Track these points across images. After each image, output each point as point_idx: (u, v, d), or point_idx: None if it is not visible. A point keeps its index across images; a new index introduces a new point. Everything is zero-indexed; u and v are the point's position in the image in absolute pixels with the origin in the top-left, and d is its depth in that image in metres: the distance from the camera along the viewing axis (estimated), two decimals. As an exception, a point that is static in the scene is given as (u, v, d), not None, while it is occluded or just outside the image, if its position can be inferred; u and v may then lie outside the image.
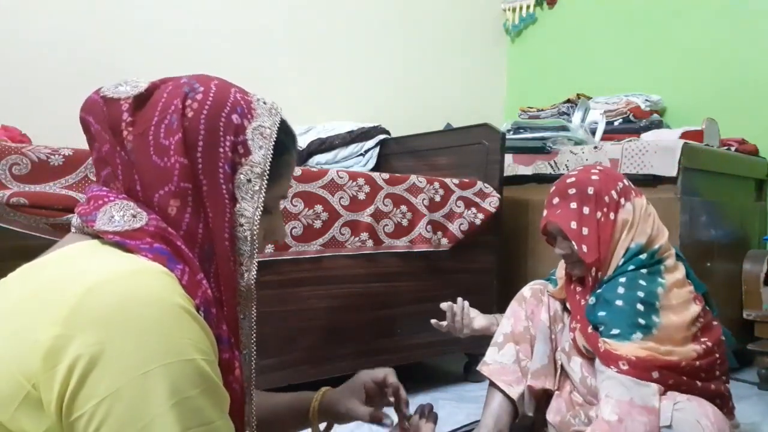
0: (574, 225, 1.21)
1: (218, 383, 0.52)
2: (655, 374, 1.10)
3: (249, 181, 0.61)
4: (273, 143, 0.62)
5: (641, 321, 1.13)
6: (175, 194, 0.57)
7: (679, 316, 1.16)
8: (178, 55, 2.12)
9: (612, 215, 1.20)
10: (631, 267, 1.19)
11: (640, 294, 1.15)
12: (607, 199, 1.21)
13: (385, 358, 1.73)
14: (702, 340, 1.19)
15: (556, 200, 1.26)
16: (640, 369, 1.10)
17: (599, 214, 1.20)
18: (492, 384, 1.34)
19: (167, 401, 0.46)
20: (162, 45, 2.10)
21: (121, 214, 0.56)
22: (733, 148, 2.21)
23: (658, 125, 2.39)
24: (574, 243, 1.21)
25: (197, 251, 0.57)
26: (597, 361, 1.17)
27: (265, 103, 0.64)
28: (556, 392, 1.32)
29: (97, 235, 0.56)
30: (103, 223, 0.55)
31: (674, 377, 1.13)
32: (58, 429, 0.47)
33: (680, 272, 1.24)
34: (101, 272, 0.50)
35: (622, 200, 1.22)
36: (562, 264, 1.40)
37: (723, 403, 1.21)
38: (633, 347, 1.11)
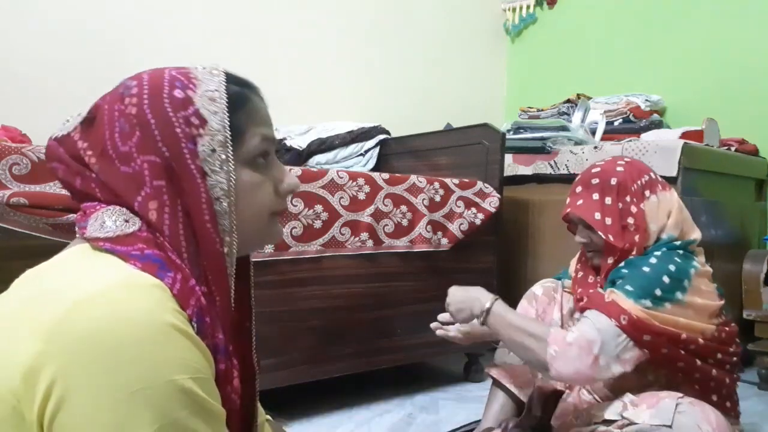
0: (597, 216, 1.20)
1: (210, 402, 0.50)
2: (647, 337, 1.08)
3: (213, 151, 0.57)
4: (225, 104, 0.58)
5: (658, 292, 1.11)
6: (151, 195, 0.55)
7: (705, 301, 1.16)
8: (179, 55, 2.12)
9: (634, 208, 1.20)
10: (665, 249, 1.18)
11: (671, 267, 1.13)
12: (632, 189, 1.20)
13: (385, 359, 1.73)
14: (721, 328, 1.18)
15: (579, 189, 1.26)
16: (637, 328, 1.08)
17: (621, 204, 1.19)
18: (495, 385, 1.34)
19: (150, 426, 0.45)
20: (162, 45, 2.10)
21: (113, 219, 0.54)
22: (733, 148, 2.21)
23: (658, 125, 2.39)
24: (600, 233, 1.20)
25: (185, 254, 0.55)
26: (587, 312, 1.14)
27: (203, 68, 0.61)
28: (567, 391, 1.31)
29: (89, 243, 0.55)
30: (95, 229, 0.54)
31: (670, 348, 1.11)
32: None
33: (710, 269, 1.23)
34: (87, 287, 0.48)
35: (647, 192, 1.21)
36: (575, 259, 1.40)
37: (732, 405, 1.20)
38: (638, 308, 1.09)
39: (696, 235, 1.24)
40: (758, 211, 2.32)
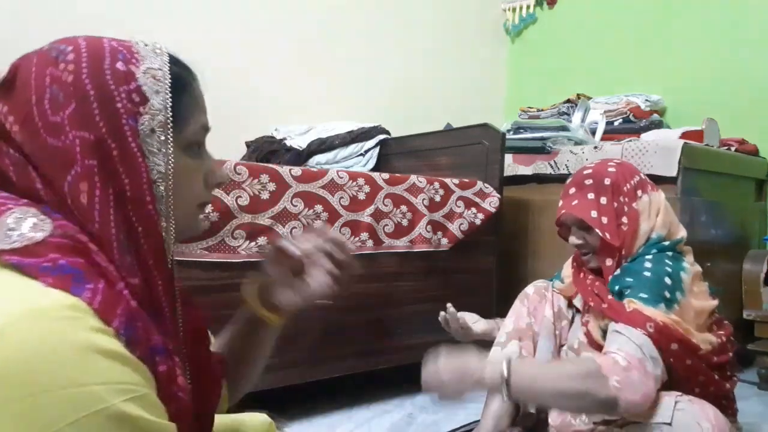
0: (594, 214, 1.21)
1: (150, 419, 0.45)
2: (675, 346, 1.08)
3: (153, 131, 0.53)
4: (169, 84, 0.55)
5: (667, 294, 1.12)
6: (83, 175, 0.50)
7: (699, 302, 1.16)
8: (179, 54, 2.12)
9: (627, 208, 1.21)
10: (654, 251, 1.19)
11: (668, 269, 1.15)
12: (625, 189, 1.22)
13: (385, 358, 1.73)
14: (718, 333, 1.19)
15: (572, 191, 1.26)
16: (665, 335, 1.07)
17: (616, 204, 1.21)
18: None
19: None
20: (162, 45, 2.10)
21: (19, 225, 0.47)
22: (733, 148, 2.21)
23: (658, 125, 2.39)
24: (598, 231, 1.20)
25: (114, 243, 0.50)
26: (614, 326, 1.11)
27: (146, 44, 0.57)
28: None
29: None
30: (0, 239, 0.47)
31: (693, 359, 1.11)
32: None
33: (699, 268, 1.24)
34: None
35: (639, 192, 1.23)
36: (568, 263, 1.40)
37: (728, 404, 1.20)
38: (659, 312, 1.09)
39: (682, 233, 1.25)
40: (758, 211, 2.32)
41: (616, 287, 1.18)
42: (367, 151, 2.31)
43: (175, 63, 0.58)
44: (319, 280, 0.71)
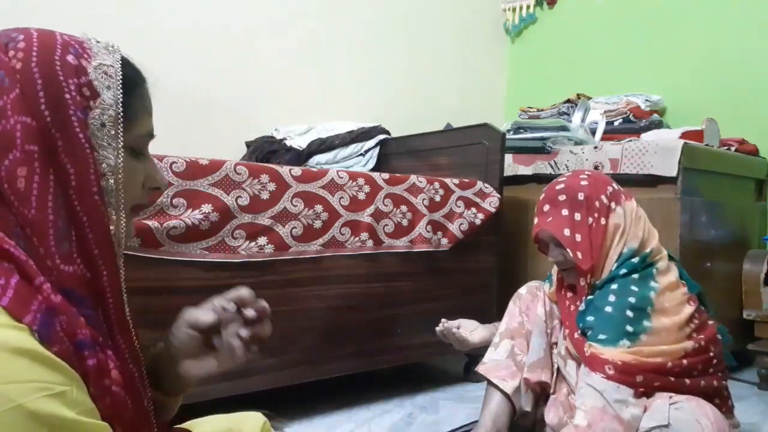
0: (567, 232, 1.21)
1: (69, 417, 0.44)
2: (639, 378, 1.11)
3: (103, 125, 0.54)
4: (120, 81, 0.56)
5: (629, 328, 1.14)
6: (21, 161, 0.49)
7: (671, 318, 1.17)
8: (178, 56, 2.13)
9: (603, 220, 1.21)
10: (623, 271, 1.19)
11: (632, 300, 1.16)
12: (597, 204, 1.21)
13: (385, 359, 1.73)
14: (697, 338, 1.19)
15: (546, 207, 1.26)
16: (626, 374, 1.11)
17: (590, 219, 1.20)
18: (490, 383, 1.35)
19: None
20: (162, 46, 2.10)
21: None
22: (733, 148, 2.21)
23: (658, 125, 2.39)
24: (568, 250, 1.21)
25: (51, 230, 0.50)
26: (582, 367, 1.18)
27: (98, 41, 0.58)
28: (553, 396, 1.32)
29: None
30: None
31: (660, 379, 1.13)
32: None
33: (673, 274, 1.24)
34: None
35: (613, 204, 1.22)
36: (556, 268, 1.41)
37: (721, 402, 1.21)
38: (618, 352, 1.12)
39: (654, 241, 1.25)
40: (758, 211, 2.32)
41: (581, 325, 1.21)
42: (367, 151, 2.31)
43: (126, 64, 0.59)
44: (231, 347, 0.65)
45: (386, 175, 1.70)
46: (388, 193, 1.68)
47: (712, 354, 1.20)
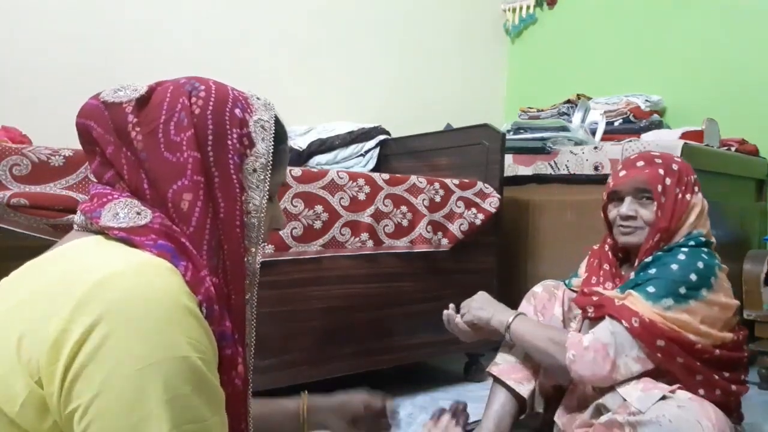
0: (659, 188, 1.22)
1: (213, 382, 0.53)
2: (661, 342, 1.10)
3: (255, 171, 0.64)
4: (273, 135, 0.66)
5: (682, 290, 1.13)
6: (188, 188, 0.58)
7: (728, 300, 1.18)
8: (178, 56, 2.13)
9: (689, 196, 1.24)
10: (692, 243, 1.21)
11: (700, 264, 1.16)
12: (686, 179, 1.25)
13: (386, 358, 1.73)
14: (738, 332, 1.20)
15: (641, 163, 1.27)
16: (649, 332, 1.10)
17: (678, 190, 1.23)
18: (496, 383, 1.34)
19: (161, 397, 0.47)
20: (162, 47, 2.10)
21: (125, 211, 0.57)
22: (733, 149, 2.21)
23: (658, 125, 2.39)
24: (655, 203, 1.22)
25: (205, 246, 0.58)
26: (606, 318, 1.16)
27: (258, 98, 0.68)
28: (570, 387, 1.30)
29: (101, 232, 0.57)
30: (108, 219, 0.56)
31: (684, 356, 1.11)
32: (60, 424, 0.47)
33: (727, 269, 1.25)
34: (107, 267, 0.51)
35: (696, 188, 1.26)
36: (584, 264, 1.40)
37: (734, 409, 1.20)
38: (650, 310, 1.11)
39: (713, 238, 1.28)
40: (758, 211, 2.32)
41: (636, 279, 1.20)
42: (367, 152, 2.31)
43: (277, 122, 0.69)
44: None
45: (386, 176, 1.70)
46: (389, 193, 1.68)
47: (745, 355, 1.20)
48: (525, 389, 1.30)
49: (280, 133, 0.68)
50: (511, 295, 1.46)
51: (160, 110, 0.60)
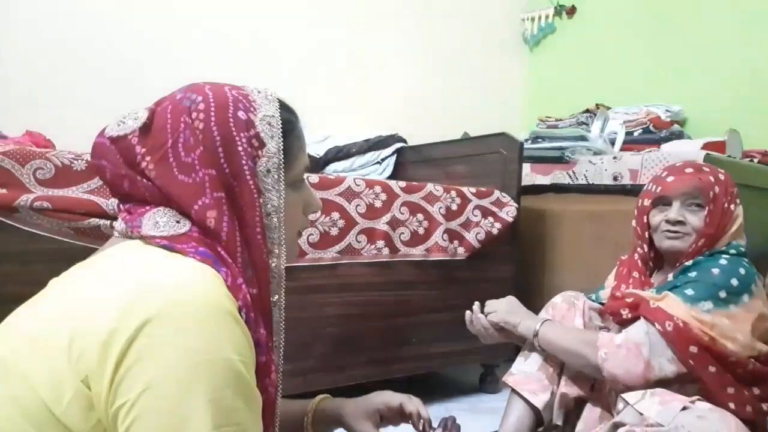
0: (711, 195, 1.22)
1: (252, 386, 0.54)
2: (694, 349, 1.08)
3: (269, 171, 0.63)
4: (281, 130, 0.64)
5: (722, 294, 1.11)
6: (211, 206, 0.58)
7: (765, 309, 1.15)
8: (195, 62, 2.15)
9: (733, 207, 1.23)
10: (733, 251, 1.20)
11: (741, 271, 1.14)
12: (731, 190, 1.25)
13: (400, 367, 1.72)
14: None
15: (689, 170, 1.26)
16: (683, 336, 1.08)
17: (724, 199, 1.22)
18: (513, 394, 1.32)
19: (206, 396, 0.48)
20: (177, 54, 2.13)
21: (165, 219, 0.58)
22: (755, 160, 2.17)
23: (679, 136, 2.36)
24: (704, 210, 1.21)
25: (239, 258, 0.59)
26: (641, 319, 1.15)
27: (259, 92, 0.66)
28: (593, 396, 1.28)
29: (142, 240, 0.58)
30: (149, 228, 0.58)
31: (718, 366, 1.09)
32: (105, 423, 0.49)
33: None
34: (155, 270, 0.53)
35: (738, 200, 1.26)
36: (611, 276, 1.38)
37: (762, 428, 1.16)
38: (687, 312, 1.10)
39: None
40: (782, 224, 2.27)
41: (675, 281, 1.18)
42: (384, 159, 2.32)
43: (282, 107, 0.67)
44: None
45: (403, 183, 1.70)
46: (405, 201, 1.68)
47: None
48: (539, 400, 1.28)
49: (289, 120, 0.66)
50: (528, 306, 1.44)
51: (165, 134, 0.60)
